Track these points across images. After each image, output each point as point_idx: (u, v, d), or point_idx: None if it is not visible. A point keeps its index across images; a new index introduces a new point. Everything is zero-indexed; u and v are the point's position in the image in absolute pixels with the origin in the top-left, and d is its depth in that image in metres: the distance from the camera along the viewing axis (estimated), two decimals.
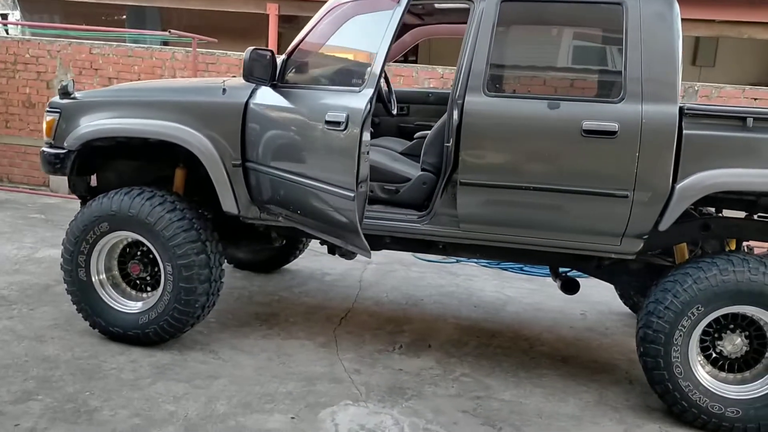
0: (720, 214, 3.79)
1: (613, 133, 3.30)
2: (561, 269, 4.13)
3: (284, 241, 4.22)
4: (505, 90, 3.63)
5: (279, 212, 3.67)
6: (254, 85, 3.60)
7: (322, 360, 3.95)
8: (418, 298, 5.25)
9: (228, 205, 3.78)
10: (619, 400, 3.72)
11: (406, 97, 5.09)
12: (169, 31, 6.94)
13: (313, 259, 6.09)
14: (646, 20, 3.32)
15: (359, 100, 3.07)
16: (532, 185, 3.44)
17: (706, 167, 3.25)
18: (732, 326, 3.41)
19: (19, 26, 12.80)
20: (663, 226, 3.34)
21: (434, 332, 4.53)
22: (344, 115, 3.11)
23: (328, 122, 3.18)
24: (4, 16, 13.19)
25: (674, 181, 3.29)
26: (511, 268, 6.30)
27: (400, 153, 4.30)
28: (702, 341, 3.44)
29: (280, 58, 3.64)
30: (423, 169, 3.79)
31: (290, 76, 3.57)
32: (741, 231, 3.67)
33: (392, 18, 2.96)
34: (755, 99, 6.90)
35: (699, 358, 3.43)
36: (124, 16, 11.80)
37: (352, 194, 3.06)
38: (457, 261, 6.43)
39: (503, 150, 3.48)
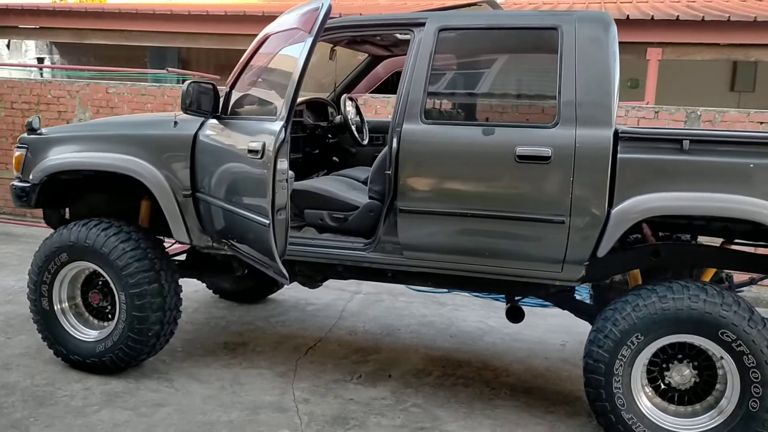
0: (669, 241, 3.67)
1: (546, 158, 3.26)
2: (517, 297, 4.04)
3: (245, 271, 4.26)
4: (441, 117, 3.63)
5: (224, 241, 3.72)
6: (203, 117, 3.69)
7: (274, 389, 3.95)
8: (395, 328, 5.21)
9: (179, 234, 3.86)
10: None
11: (381, 127, 5.12)
12: (167, 70, 7.18)
13: (301, 289, 6.08)
14: (581, 44, 3.29)
15: (274, 128, 3.12)
16: (470, 212, 3.41)
17: (643, 191, 3.17)
18: (680, 356, 3.27)
19: (44, 69, 13.42)
20: (601, 252, 3.26)
21: (399, 362, 4.48)
22: (261, 143, 3.16)
23: (249, 151, 3.24)
24: (41, 60, 13.86)
25: (610, 205, 3.21)
26: (501, 298, 6.19)
27: (362, 182, 4.33)
28: (650, 372, 3.32)
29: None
30: (370, 197, 3.80)
31: (232, 107, 3.65)
32: (692, 257, 3.55)
33: (304, 48, 3.01)
34: (761, 123, 6.69)
35: (645, 389, 3.30)
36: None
37: (267, 222, 3.09)
38: (449, 291, 6.36)
39: (439, 177, 3.47)
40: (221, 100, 3.65)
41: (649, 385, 3.33)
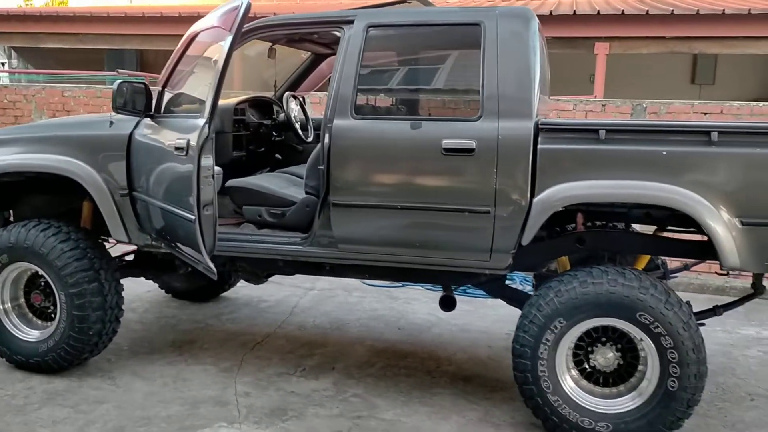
0: (594, 228, 3.79)
1: (471, 150, 3.35)
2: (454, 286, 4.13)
3: (189, 269, 4.30)
4: (371, 113, 3.70)
5: (160, 238, 3.77)
6: (135, 117, 3.73)
7: (217, 384, 4.00)
8: (345, 322, 5.28)
9: (117, 234, 3.89)
10: (504, 417, 3.70)
11: None
12: (117, 71, 7.18)
13: (255, 287, 6.15)
14: (503, 39, 3.39)
15: (198, 125, 3.17)
16: (399, 204, 3.49)
17: (562, 180, 3.27)
18: (603, 340, 3.38)
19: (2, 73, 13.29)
20: (525, 241, 3.36)
21: (345, 355, 4.56)
22: (185, 141, 3.22)
23: (176, 148, 3.29)
24: (2, 65, 13.72)
25: (532, 195, 3.31)
26: (456, 290, 6.28)
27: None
28: (576, 355, 3.43)
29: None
30: (306, 193, 3.87)
31: (164, 106, 3.69)
32: (616, 244, 3.66)
33: (224, 47, 3.07)
34: (705, 114, 6.85)
35: (571, 372, 3.41)
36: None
37: (193, 217, 3.14)
38: (403, 285, 6.44)
39: (370, 171, 3.54)
40: (154, 99, 3.69)
41: (576, 368, 3.43)
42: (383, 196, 3.51)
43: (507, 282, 3.97)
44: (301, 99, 5.06)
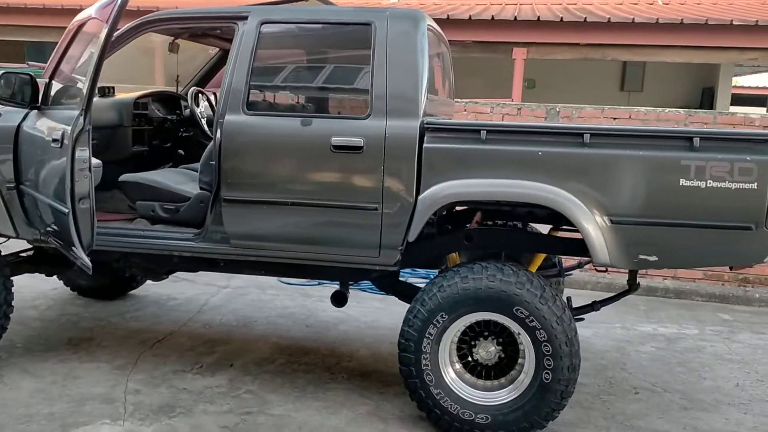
0: (480, 226, 3.89)
1: (359, 148, 3.40)
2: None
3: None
4: (263, 109, 3.72)
5: (46, 233, 3.70)
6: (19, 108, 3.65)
7: (108, 381, 3.94)
8: (253, 320, 5.27)
9: (4, 228, 3.80)
10: (394, 411, 3.76)
11: None
12: (28, 63, 6.98)
13: (166, 284, 6.08)
14: (392, 39, 3.45)
15: (73, 117, 3.14)
16: (290, 200, 3.52)
17: (446, 179, 3.35)
18: (486, 334, 3.48)
19: None
20: (411, 237, 3.43)
21: (247, 352, 4.55)
22: (61, 133, 3.18)
23: (53, 140, 3.25)
24: None
25: (418, 193, 3.38)
26: (369, 288, 6.34)
27: None
28: (461, 349, 3.51)
29: None
30: (201, 188, 3.86)
31: (51, 98, 3.63)
32: (500, 241, 3.77)
33: (100, 38, 3.04)
34: (614, 118, 7.09)
35: (455, 366, 3.49)
36: None
37: (67, 210, 3.11)
38: (319, 283, 6.45)
39: (261, 167, 3.56)
40: (41, 90, 3.62)
41: (460, 362, 3.51)
42: (274, 193, 3.53)
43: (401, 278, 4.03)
44: (209, 95, 5.03)
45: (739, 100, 17.51)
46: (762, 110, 15.39)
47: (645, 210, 3.18)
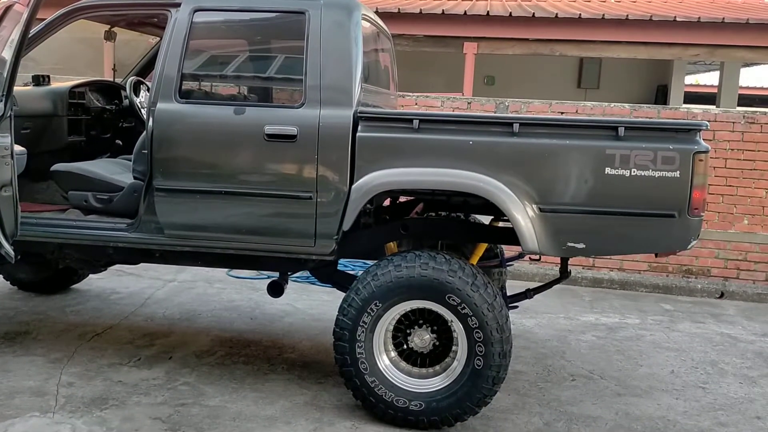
0: (421, 216, 3.92)
1: (292, 137, 3.39)
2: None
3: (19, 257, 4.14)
4: (195, 97, 3.69)
5: None
6: None
7: (41, 375, 3.87)
8: (197, 313, 5.22)
9: None
10: (331, 400, 3.76)
11: None
12: None
13: (112, 278, 6.01)
14: (326, 29, 3.45)
15: None
16: (223, 189, 3.49)
17: (379, 168, 3.37)
18: (420, 322, 3.50)
19: None
20: (346, 226, 3.43)
21: (187, 344, 4.50)
22: None
23: None
24: None
25: (351, 182, 3.39)
26: (319, 282, 6.33)
27: None
28: (396, 337, 3.53)
29: None
30: (135, 178, 3.80)
31: None
32: (435, 231, 3.80)
33: (19, 24, 2.99)
34: (561, 113, 7.18)
35: (390, 354, 3.50)
36: None
37: None
38: (268, 277, 6.41)
39: (193, 156, 3.53)
40: None
41: (395, 350, 3.53)
42: (207, 182, 3.50)
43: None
44: (149, 85, 4.95)
45: (695, 98, 17.85)
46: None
47: (572, 198, 3.24)
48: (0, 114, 2.96)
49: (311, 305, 5.63)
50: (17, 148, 3.13)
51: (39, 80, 4.50)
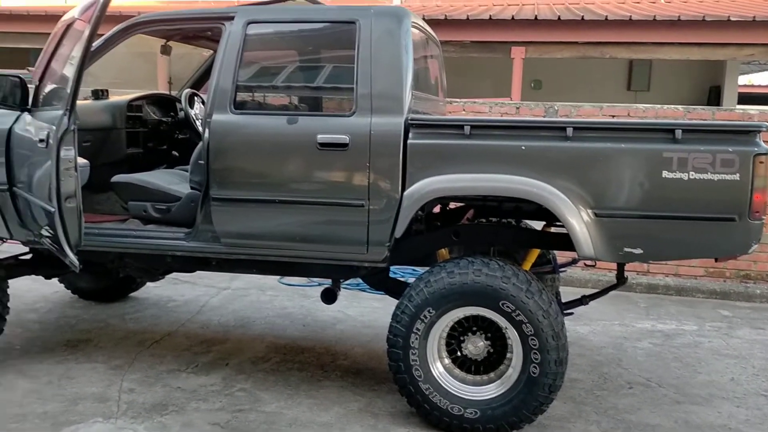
0: (472, 222, 3.90)
1: (344, 145, 3.42)
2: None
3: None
4: (249, 107, 3.75)
5: (38, 234, 3.74)
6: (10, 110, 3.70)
7: (103, 381, 3.98)
8: (251, 320, 5.30)
9: None
10: (386, 407, 3.77)
11: None
12: (28, 69, 7.07)
13: (168, 286, 6.15)
14: (376, 37, 3.48)
15: (57, 119, 3.18)
16: (277, 198, 3.54)
17: (430, 174, 3.37)
18: (474, 329, 3.48)
19: None
20: (397, 233, 3.44)
21: (242, 351, 4.58)
22: (46, 133, 3.22)
23: (39, 140, 3.30)
24: None
25: (403, 188, 3.40)
26: (368, 288, 6.35)
27: None
28: (450, 344, 3.52)
29: None
30: (191, 188, 3.89)
31: (41, 99, 3.68)
32: (487, 237, 3.78)
33: (82, 39, 3.09)
34: (612, 116, 7.07)
35: (444, 361, 3.50)
36: None
37: (53, 209, 3.15)
38: (319, 284, 6.47)
39: (248, 165, 3.59)
40: (31, 92, 3.67)
41: (449, 357, 3.52)
42: (261, 191, 3.56)
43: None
44: (203, 97, 5.06)
45: (749, 98, 17.34)
46: None
47: (629, 203, 3.18)
48: (64, 128, 3.07)
49: (362, 312, 5.65)
50: (80, 160, 3.24)
51: (98, 94, 4.66)
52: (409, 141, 3.38)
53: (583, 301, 3.89)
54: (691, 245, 3.22)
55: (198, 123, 4.83)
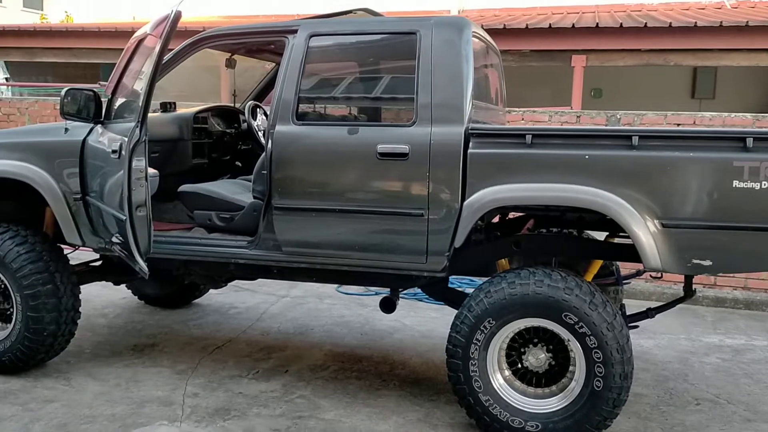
0: (532, 232, 3.86)
1: (404, 155, 3.44)
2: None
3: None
4: (311, 118, 3.81)
5: (109, 241, 3.88)
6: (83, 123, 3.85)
7: (168, 385, 4.09)
8: (309, 328, 5.36)
9: (71, 237, 4.01)
10: (444, 418, 3.75)
11: None
12: (100, 83, 7.35)
13: (230, 294, 6.27)
14: (437, 47, 3.49)
15: (130, 131, 3.30)
16: (337, 207, 3.58)
17: (491, 184, 3.35)
18: (535, 340, 3.44)
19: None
20: (457, 243, 3.43)
21: (301, 358, 4.63)
22: (119, 144, 3.34)
23: (112, 151, 3.42)
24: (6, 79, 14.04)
25: (463, 198, 3.39)
26: (426, 298, 6.35)
27: None
28: (510, 356, 3.49)
29: None
30: (254, 197, 3.97)
31: (113, 112, 3.82)
32: (548, 247, 3.73)
33: (154, 53, 3.20)
34: (678, 124, 6.90)
35: (504, 372, 3.46)
36: None
37: (124, 217, 3.26)
38: (376, 293, 6.50)
39: (309, 175, 3.65)
40: (104, 105, 3.82)
41: (509, 369, 3.48)
42: (322, 200, 3.61)
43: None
44: (265, 109, 5.17)
45: None
46: None
47: (697, 213, 3.09)
48: (136, 139, 3.19)
49: (419, 322, 5.64)
50: (150, 170, 3.35)
51: (166, 107, 4.81)
52: (469, 150, 3.37)
53: (649, 314, 3.79)
54: (763, 257, 3.10)
55: (260, 134, 4.93)
